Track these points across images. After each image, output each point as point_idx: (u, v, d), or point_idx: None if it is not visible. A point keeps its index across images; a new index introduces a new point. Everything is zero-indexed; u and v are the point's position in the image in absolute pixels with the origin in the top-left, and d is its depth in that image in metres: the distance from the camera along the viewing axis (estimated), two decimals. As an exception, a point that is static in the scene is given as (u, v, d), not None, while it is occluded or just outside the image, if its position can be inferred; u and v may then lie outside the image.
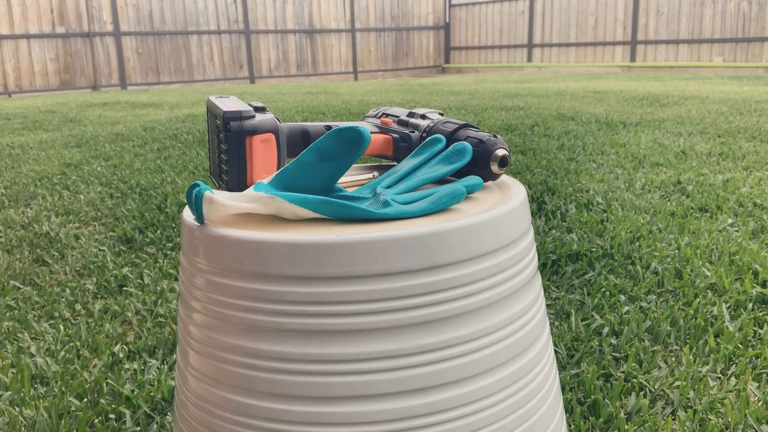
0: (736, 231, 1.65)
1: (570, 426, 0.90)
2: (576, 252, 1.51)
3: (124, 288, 1.44)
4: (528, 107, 4.30)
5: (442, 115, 0.69)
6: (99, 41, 8.80)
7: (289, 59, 10.41)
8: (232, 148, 0.58)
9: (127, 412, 0.95)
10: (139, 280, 1.47)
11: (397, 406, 0.49)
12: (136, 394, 1.00)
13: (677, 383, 0.99)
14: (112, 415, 0.96)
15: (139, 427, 0.93)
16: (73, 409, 0.97)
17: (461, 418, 0.50)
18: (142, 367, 1.08)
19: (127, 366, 1.09)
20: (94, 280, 1.49)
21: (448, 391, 0.50)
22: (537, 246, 1.55)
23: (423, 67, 11.93)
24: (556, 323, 1.19)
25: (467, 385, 0.50)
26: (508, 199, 0.55)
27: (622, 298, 1.28)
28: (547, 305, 1.28)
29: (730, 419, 0.90)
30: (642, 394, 0.98)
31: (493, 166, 0.60)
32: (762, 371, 1.02)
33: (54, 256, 1.65)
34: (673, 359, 1.07)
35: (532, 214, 1.61)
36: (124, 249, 1.68)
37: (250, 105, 0.60)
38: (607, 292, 1.31)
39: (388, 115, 0.72)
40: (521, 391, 0.53)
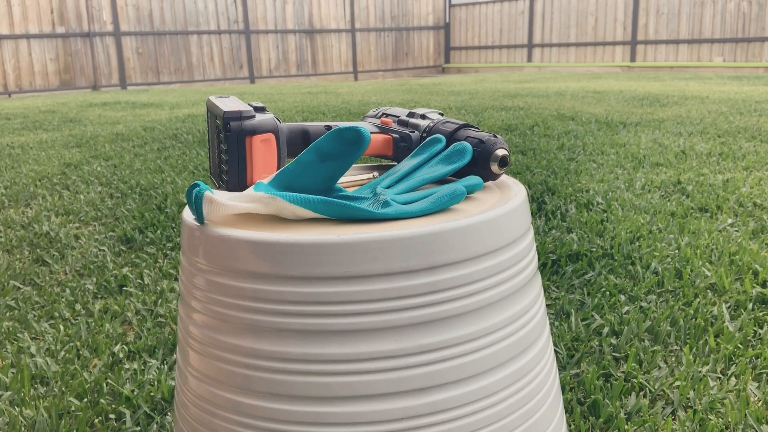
0: (736, 231, 1.65)
1: (570, 426, 0.90)
2: (576, 252, 1.51)
3: (124, 288, 1.44)
4: (528, 107, 4.30)
5: (442, 115, 0.68)
6: (99, 41, 8.80)
7: (289, 59, 10.41)
8: (232, 148, 0.58)
9: (127, 412, 0.95)
10: (139, 280, 1.47)
11: (397, 406, 0.49)
12: (136, 394, 1.00)
13: (677, 383, 0.99)
14: (112, 415, 0.96)
15: (139, 427, 0.93)
16: (73, 409, 0.97)
17: (461, 418, 0.50)
18: (142, 367, 1.08)
19: (127, 366, 1.09)
20: (94, 280, 1.49)
21: (448, 391, 0.50)
22: (537, 246, 1.55)
23: (423, 67, 11.93)
24: (556, 323, 1.19)
25: (467, 385, 0.50)
26: (508, 199, 0.55)
27: (622, 298, 1.28)
28: (547, 305, 1.28)
29: (730, 419, 0.90)
30: (642, 394, 0.97)
31: (493, 166, 0.60)
32: (762, 371, 1.02)
33: (54, 256, 1.65)
34: (673, 359, 1.07)
35: (532, 214, 1.61)
36: (124, 249, 1.68)
37: (250, 105, 0.60)
38: (607, 292, 1.31)
39: (388, 115, 0.72)
40: (521, 391, 0.53)
